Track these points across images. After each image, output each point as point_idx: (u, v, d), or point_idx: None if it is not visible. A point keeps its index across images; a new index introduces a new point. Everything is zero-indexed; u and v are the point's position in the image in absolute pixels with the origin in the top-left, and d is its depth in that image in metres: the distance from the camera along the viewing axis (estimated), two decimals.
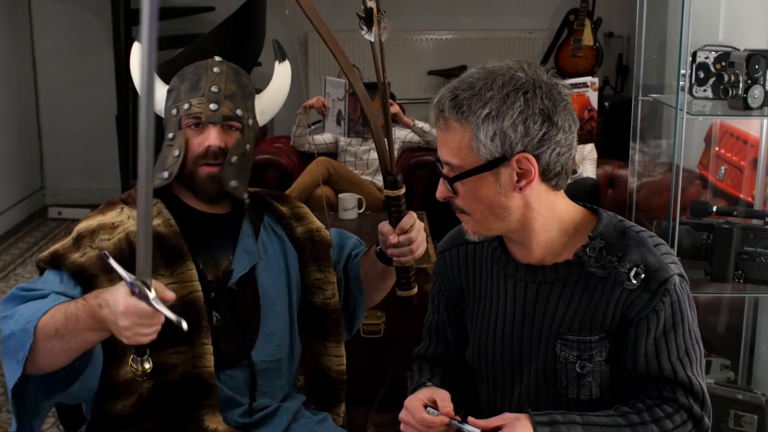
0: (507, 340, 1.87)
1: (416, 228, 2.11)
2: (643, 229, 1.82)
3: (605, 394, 1.80)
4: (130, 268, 1.77)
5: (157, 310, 1.70)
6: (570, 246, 1.80)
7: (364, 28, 1.98)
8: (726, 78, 2.62)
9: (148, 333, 1.75)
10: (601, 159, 5.30)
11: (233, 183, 2.12)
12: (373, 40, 1.99)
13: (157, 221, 2.10)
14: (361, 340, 3.55)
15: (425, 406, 1.80)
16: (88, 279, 2.00)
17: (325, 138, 5.70)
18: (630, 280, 1.73)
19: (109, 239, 2.05)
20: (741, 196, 3.49)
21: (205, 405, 2.07)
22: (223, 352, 2.12)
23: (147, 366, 1.84)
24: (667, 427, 1.71)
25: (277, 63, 2.33)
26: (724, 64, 2.73)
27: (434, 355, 2.07)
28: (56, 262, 2.02)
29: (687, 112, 2.61)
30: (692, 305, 1.78)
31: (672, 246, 2.70)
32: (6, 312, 1.93)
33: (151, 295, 1.69)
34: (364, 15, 1.98)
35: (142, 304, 1.70)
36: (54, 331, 1.82)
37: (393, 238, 2.09)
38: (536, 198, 1.75)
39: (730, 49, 2.80)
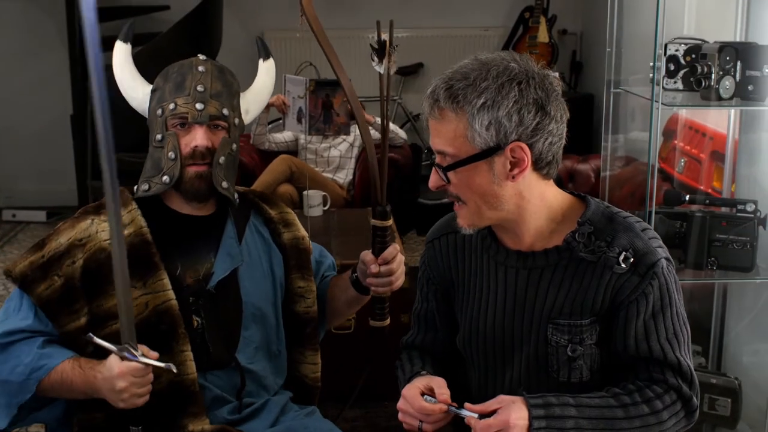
0: (498, 326, 1.90)
1: (398, 260, 2.13)
2: (630, 214, 1.87)
3: (595, 377, 1.84)
4: (99, 282, 2.03)
5: (147, 364, 1.91)
6: (559, 232, 1.83)
7: (375, 59, 2.03)
8: (699, 69, 2.67)
9: (142, 393, 1.94)
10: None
11: (224, 184, 2.12)
12: (382, 72, 2.03)
13: (128, 230, 2.09)
14: (331, 336, 3.53)
15: (422, 394, 1.83)
16: (54, 312, 2.05)
17: (285, 136, 5.70)
18: (619, 264, 1.77)
19: (74, 263, 2.05)
20: (701, 187, 3.56)
21: (188, 413, 2.07)
22: (212, 355, 2.12)
23: None
24: (657, 407, 1.75)
25: (261, 61, 2.32)
26: (694, 56, 2.79)
27: (423, 344, 2.09)
28: (24, 286, 2.06)
29: (662, 104, 2.66)
30: (679, 288, 1.83)
31: None
32: None
33: (138, 353, 1.91)
34: (377, 47, 2.02)
35: (134, 364, 1.91)
36: (49, 386, 2.00)
37: (374, 268, 2.11)
38: (528, 187, 1.78)
39: (699, 42, 2.85)
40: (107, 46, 2.17)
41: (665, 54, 2.80)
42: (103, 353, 1.97)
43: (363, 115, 2.16)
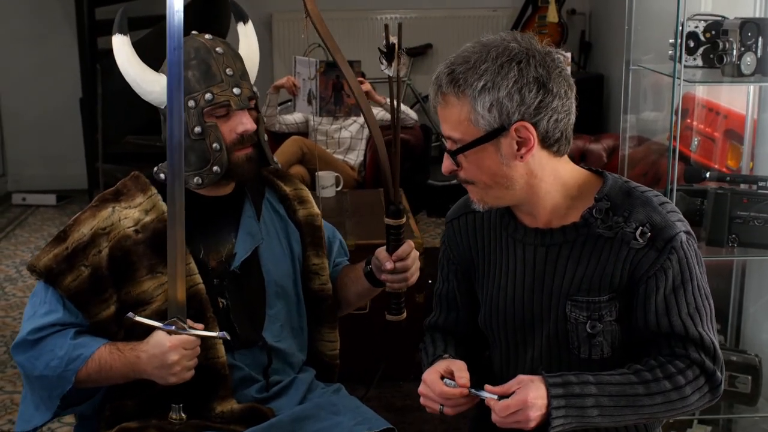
0: (518, 304, 1.90)
1: (412, 257, 2.13)
2: (648, 188, 1.86)
3: (617, 353, 1.84)
4: (124, 271, 2.03)
5: (199, 336, 1.96)
6: (576, 208, 1.83)
7: (384, 62, 2.02)
8: (720, 45, 2.67)
9: (191, 366, 1.97)
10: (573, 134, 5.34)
11: (275, 158, 2.16)
12: (392, 74, 2.02)
13: (150, 217, 2.08)
14: (347, 317, 3.56)
15: (442, 378, 1.83)
16: (83, 303, 2.04)
17: (295, 117, 5.69)
18: (636, 239, 1.76)
19: (100, 252, 2.04)
20: (715, 166, 3.55)
21: (217, 396, 2.08)
22: (239, 335, 2.12)
23: (183, 415, 2.01)
24: (680, 383, 1.74)
25: (240, 24, 2.26)
26: (714, 32, 2.77)
27: (445, 324, 2.09)
28: (50, 280, 2.04)
29: (684, 80, 2.65)
30: (700, 261, 1.81)
31: None
32: (27, 353, 2.03)
33: (187, 327, 1.95)
34: (385, 50, 2.01)
35: (184, 336, 1.94)
36: (87, 375, 2.00)
37: (389, 265, 2.10)
38: (539, 165, 1.78)
39: (720, 18, 2.84)
40: (109, 31, 2.13)
41: (684, 30, 2.79)
42: (137, 337, 1.98)
43: (368, 106, 2.16)
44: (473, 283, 2.03)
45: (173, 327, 1.94)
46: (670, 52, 2.82)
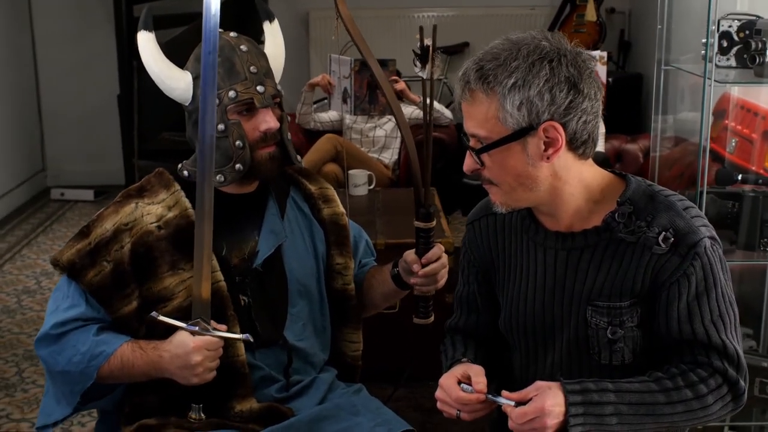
0: (539, 308, 1.88)
1: (441, 261, 2.11)
2: (673, 192, 1.82)
3: (638, 360, 1.80)
4: (146, 267, 2.03)
5: (222, 337, 1.96)
6: (598, 212, 1.80)
7: (419, 64, 2.01)
8: (753, 45, 2.62)
9: (213, 367, 1.97)
10: (608, 134, 5.30)
11: (299, 158, 2.15)
12: (425, 77, 2.00)
13: (173, 213, 2.09)
14: (376, 316, 3.55)
15: (459, 383, 1.81)
16: (105, 298, 2.05)
17: (330, 116, 5.70)
18: (659, 245, 1.72)
19: (122, 247, 2.05)
20: (753, 168, 3.49)
21: (236, 395, 2.08)
22: (260, 334, 2.12)
23: (203, 415, 2.02)
24: (702, 392, 1.71)
25: (267, 23, 2.25)
26: (748, 32, 2.73)
27: (466, 327, 2.07)
28: (73, 274, 2.05)
29: (715, 81, 2.60)
30: (725, 268, 1.77)
31: None
32: (49, 347, 2.04)
33: (211, 328, 1.95)
34: (420, 52, 2.00)
35: (208, 337, 1.95)
36: (108, 372, 2.01)
37: (417, 268, 2.08)
38: (564, 167, 1.75)
39: (754, 18, 2.79)
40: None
41: (718, 30, 2.74)
42: (158, 334, 1.99)
43: (398, 106, 2.14)
44: (494, 286, 2.01)
45: (197, 327, 1.94)
46: (702, 52, 2.78)
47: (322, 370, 2.26)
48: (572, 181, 1.77)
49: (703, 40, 2.76)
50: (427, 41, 1.99)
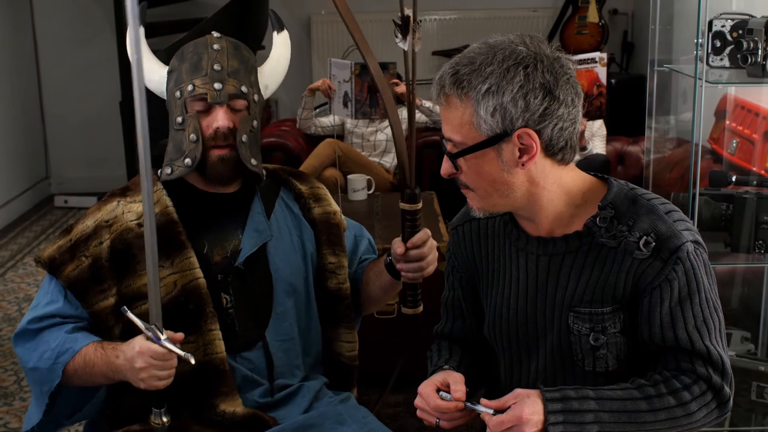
0: (521, 314, 1.85)
1: (429, 245, 2.09)
2: (656, 196, 1.79)
3: (623, 366, 1.77)
4: (125, 263, 2.02)
5: (167, 349, 1.88)
6: (580, 217, 1.77)
7: (399, 36, 2.00)
8: (745, 45, 2.59)
9: (163, 376, 1.91)
10: (610, 136, 5.27)
11: (253, 161, 2.10)
12: (406, 48, 1.99)
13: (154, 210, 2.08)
14: (374, 321, 3.53)
15: (438, 391, 1.78)
16: (82, 291, 2.05)
17: (331, 120, 5.68)
18: (640, 249, 1.69)
19: (101, 243, 2.05)
20: (754, 169, 3.46)
21: (219, 392, 2.06)
22: (238, 334, 2.11)
23: (165, 419, 1.97)
24: (685, 399, 1.68)
25: (275, 33, 2.27)
26: (741, 31, 2.70)
27: (452, 332, 2.05)
28: (53, 270, 2.06)
29: (706, 81, 2.57)
30: (710, 272, 1.74)
31: (692, 217, 2.67)
32: (25, 344, 2.05)
33: (163, 337, 1.88)
34: (400, 23, 1.98)
35: (155, 346, 1.88)
36: (73, 372, 1.99)
37: (399, 249, 2.07)
38: (541, 173, 1.72)
39: (746, 17, 2.76)
40: (154, 32, 2.15)
41: (711, 30, 2.71)
42: (133, 334, 1.96)
43: (391, 99, 2.11)
44: (478, 291, 1.99)
45: (150, 333, 1.90)
46: (697, 52, 2.75)
47: (310, 377, 2.24)
48: (550, 186, 1.75)
49: (696, 40, 2.73)
50: (408, 11, 1.96)
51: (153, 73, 2.14)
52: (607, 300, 1.74)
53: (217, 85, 2.05)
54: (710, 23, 2.74)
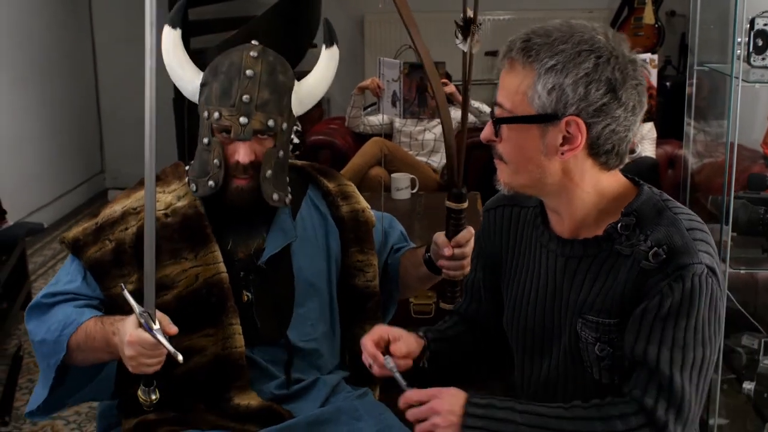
0: (539, 312, 1.80)
1: (471, 245, 2.07)
2: (688, 212, 1.68)
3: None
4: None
5: (159, 342, 1.82)
6: (605, 221, 1.69)
7: (460, 36, 1.99)
8: None
9: (151, 363, 1.87)
10: (661, 139, 5.19)
11: (275, 197, 2.09)
12: (466, 50, 1.99)
13: (182, 203, 2.10)
14: (411, 321, 3.52)
15: (385, 354, 1.84)
16: (102, 274, 2.06)
17: (379, 119, 5.68)
18: (648, 260, 1.59)
19: (127, 229, 2.06)
20: None
21: (234, 386, 2.05)
22: (260, 331, 2.10)
23: (153, 397, 1.95)
24: (615, 428, 1.58)
25: (324, 48, 2.21)
26: None
27: (467, 313, 2.03)
28: (76, 251, 2.07)
29: (743, 80, 2.50)
30: (714, 305, 1.60)
31: (727, 222, 2.59)
32: (37, 318, 2.05)
33: (155, 327, 1.82)
34: (462, 24, 1.97)
35: (146, 336, 1.83)
36: (76, 345, 1.97)
37: (447, 251, 2.05)
38: (579, 170, 1.65)
39: None
40: (205, 30, 2.15)
41: (753, 28, 2.64)
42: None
43: (443, 93, 2.11)
44: (499, 279, 1.94)
45: (142, 320, 1.84)
46: (738, 51, 2.68)
47: (331, 371, 2.22)
48: (585, 186, 1.67)
49: (739, 40, 2.66)
50: (470, 13, 1.95)
51: (185, 83, 2.13)
52: (615, 312, 1.65)
53: (242, 120, 2.01)
54: (752, 21, 2.66)
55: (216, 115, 2.03)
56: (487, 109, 5.44)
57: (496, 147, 1.69)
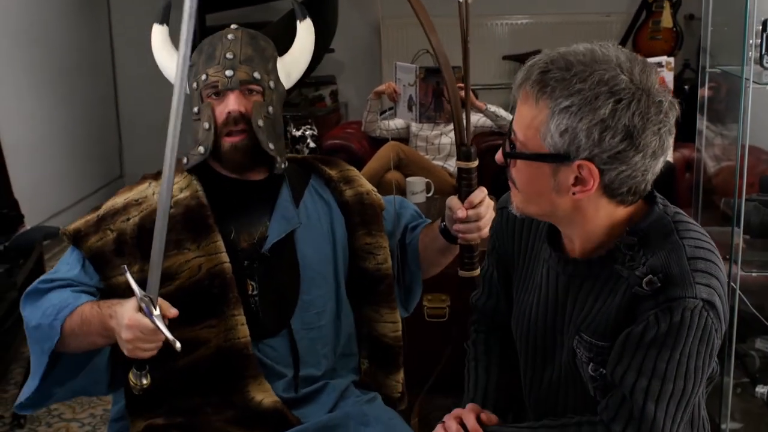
0: (541, 322, 1.78)
1: (485, 204, 2.04)
2: (698, 236, 1.59)
3: None
4: (150, 244, 1.91)
5: (157, 328, 1.80)
6: (611, 241, 1.63)
7: None
8: None
9: (148, 348, 1.86)
10: (679, 142, 5.14)
11: (271, 145, 2.10)
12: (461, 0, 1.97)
13: (184, 194, 2.11)
14: (425, 324, 3.50)
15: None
16: (103, 263, 2.06)
17: (396, 123, 5.68)
18: (641, 287, 1.53)
19: (128, 219, 2.07)
20: None
21: (246, 376, 2.05)
22: (262, 321, 2.10)
23: (145, 381, 1.94)
24: None
25: (298, 22, 2.27)
26: None
27: (485, 308, 2.01)
28: (77, 241, 2.09)
29: (755, 82, 2.48)
30: (706, 338, 1.53)
31: (738, 224, 2.58)
32: (32, 303, 2.05)
33: (155, 312, 1.81)
34: None
35: (145, 320, 1.82)
36: (71, 330, 1.95)
37: (461, 213, 2.03)
38: (592, 207, 1.59)
39: None
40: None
41: (765, 30, 2.63)
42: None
43: (456, 90, 2.09)
44: (510, 280, 1.92)
45: (143, 305, 1.83)
46: (749, 53, 2.67)
47: (337, 372, 2.22)
48: (599, 220, 1.61)
49: (751, 41, 2.65)
50: None
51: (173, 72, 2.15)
52: (608, 334, 1.60)
53: (228, 72, 2.07)
54: (764, 23, 2.65)
55: (203, 77, 2.08)
56: (503, 113, 5.44)
57: (509, 170, 1.65)
